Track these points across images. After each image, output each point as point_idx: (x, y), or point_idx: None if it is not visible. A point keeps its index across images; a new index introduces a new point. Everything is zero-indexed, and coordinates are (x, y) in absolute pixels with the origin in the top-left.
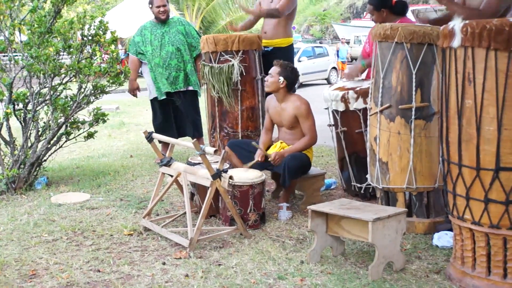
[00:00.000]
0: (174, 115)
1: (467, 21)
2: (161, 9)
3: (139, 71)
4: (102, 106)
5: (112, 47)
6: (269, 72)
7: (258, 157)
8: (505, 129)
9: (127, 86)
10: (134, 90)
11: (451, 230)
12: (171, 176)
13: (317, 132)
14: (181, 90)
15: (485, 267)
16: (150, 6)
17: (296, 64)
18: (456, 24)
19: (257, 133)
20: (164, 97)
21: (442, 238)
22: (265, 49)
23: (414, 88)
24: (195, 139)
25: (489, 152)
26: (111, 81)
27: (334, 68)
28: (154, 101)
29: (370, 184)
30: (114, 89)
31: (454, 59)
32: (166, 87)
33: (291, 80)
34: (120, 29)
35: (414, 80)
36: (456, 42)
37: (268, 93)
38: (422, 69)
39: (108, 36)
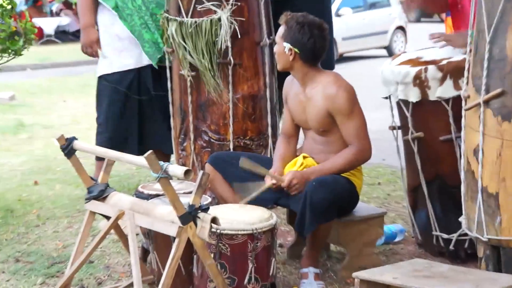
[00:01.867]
0: (139, 115)
1: None
2: None
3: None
4: None
5: None
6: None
7: (266, 184)
8: None
9: (26, 61)
10: (92, 45)
11: None
12: (107, 217)
13: (371, 140)
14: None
15: None
16: None
17: (334, 20)
18: None
19: (262, 141)
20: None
21: None
22: None
23: None
24: (149, 152)
25: None
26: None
27: (400, 28)
28: (107, 81)
29: (465, 234)
30: (6, 61)
31: None
32: (148, 50)
33: (307, 47)
34: None
35: None
36: None
37: (286, 73)
38: None
39: None
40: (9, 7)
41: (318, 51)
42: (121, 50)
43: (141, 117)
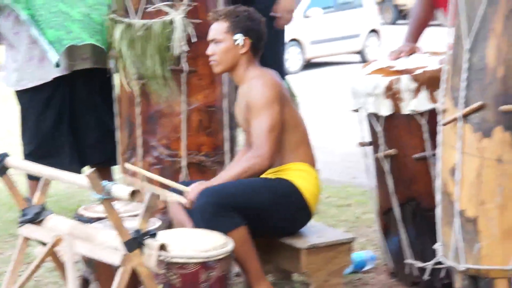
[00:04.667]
0: (70, 122)
1: None
2: None
3: None
4: None
5: None
6: (210, 36)
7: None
8: None
9: None
10: None
11: None
12: (43, 244)
13: (339, 158)
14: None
15: None
16: None
17: (302, 22)
18: None
19: (218, 157)
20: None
21: None
22: None
23: None
24: (92, 169)
25: None
26: None
27: (374, 31)
28: (27, 94)
29: (440, 263)
30: None
31: None
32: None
33: (260, 33)
34: None
35: None
36: None
37: None
38: None
39: None
40: None
41: (261, 38)
42: (43, 56)
43: (75, 131)
